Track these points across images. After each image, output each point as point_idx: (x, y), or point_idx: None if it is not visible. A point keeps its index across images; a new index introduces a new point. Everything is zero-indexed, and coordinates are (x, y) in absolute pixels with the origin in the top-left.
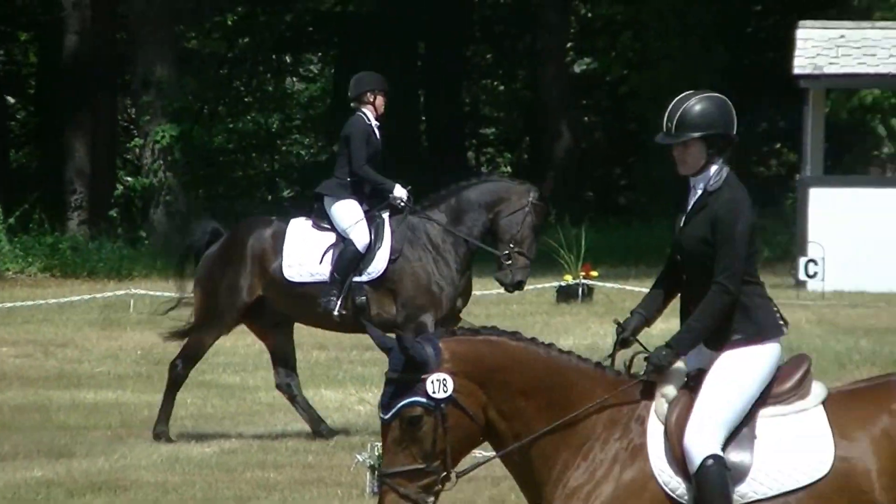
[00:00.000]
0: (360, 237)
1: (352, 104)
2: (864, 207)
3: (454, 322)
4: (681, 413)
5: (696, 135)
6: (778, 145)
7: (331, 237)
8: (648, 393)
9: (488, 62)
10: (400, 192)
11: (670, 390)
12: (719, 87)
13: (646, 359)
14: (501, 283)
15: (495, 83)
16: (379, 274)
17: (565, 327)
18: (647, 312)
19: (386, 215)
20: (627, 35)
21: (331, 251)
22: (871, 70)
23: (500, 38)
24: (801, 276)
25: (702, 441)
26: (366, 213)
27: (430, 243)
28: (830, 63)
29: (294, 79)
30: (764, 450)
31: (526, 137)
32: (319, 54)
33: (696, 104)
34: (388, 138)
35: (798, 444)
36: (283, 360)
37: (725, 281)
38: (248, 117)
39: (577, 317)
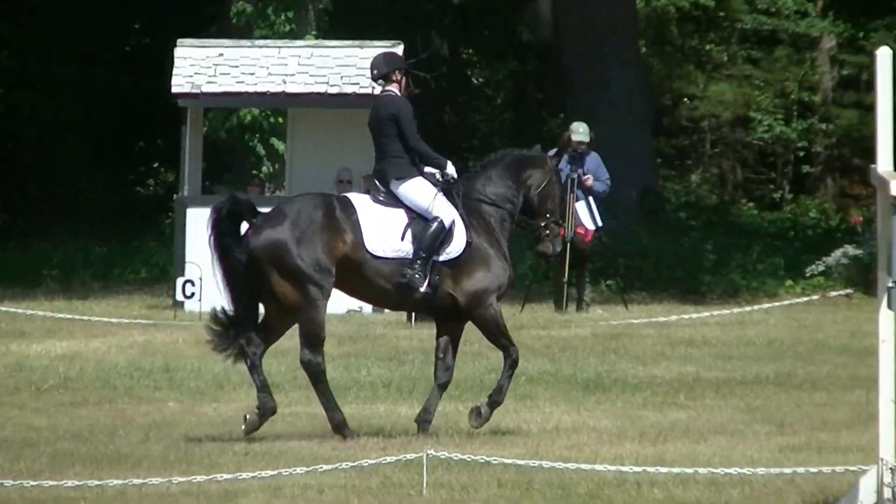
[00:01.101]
0: (446, 214)
1: (377, 82)
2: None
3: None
4: None
5: None
6: (156, 164)
7: (401, 213)
8: None
9: None
10: (451, 169)
11: None
12: (99, 106)
13: None
14: (545, 255)
15: None
16: (458, 254)
17: None
18: None
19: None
20: (5, 54)
21: (409, 228)
22: (251, 89)
23: None
24: (179, 296)
25: None
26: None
27: (488, 222)
28: (209, 82)
29: None
30: None
31: None
32: None
33: None
34: None
35: None
36: (271, 330)
37: None
38: None
39: None
